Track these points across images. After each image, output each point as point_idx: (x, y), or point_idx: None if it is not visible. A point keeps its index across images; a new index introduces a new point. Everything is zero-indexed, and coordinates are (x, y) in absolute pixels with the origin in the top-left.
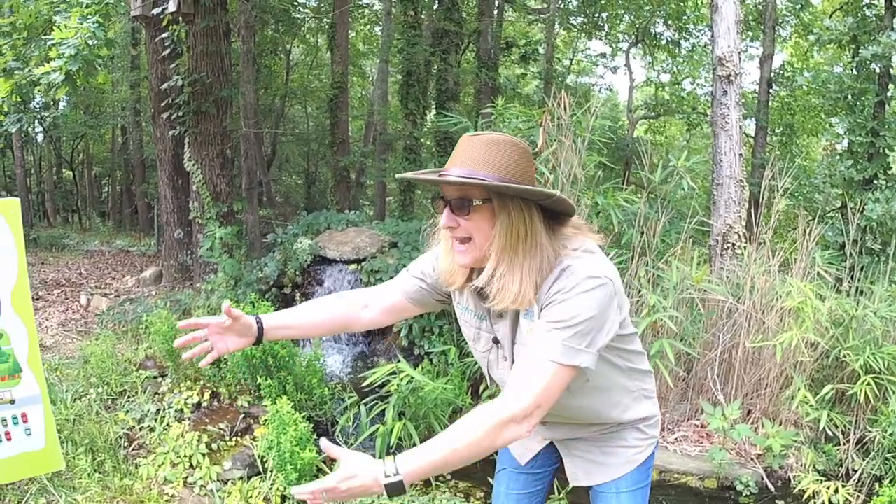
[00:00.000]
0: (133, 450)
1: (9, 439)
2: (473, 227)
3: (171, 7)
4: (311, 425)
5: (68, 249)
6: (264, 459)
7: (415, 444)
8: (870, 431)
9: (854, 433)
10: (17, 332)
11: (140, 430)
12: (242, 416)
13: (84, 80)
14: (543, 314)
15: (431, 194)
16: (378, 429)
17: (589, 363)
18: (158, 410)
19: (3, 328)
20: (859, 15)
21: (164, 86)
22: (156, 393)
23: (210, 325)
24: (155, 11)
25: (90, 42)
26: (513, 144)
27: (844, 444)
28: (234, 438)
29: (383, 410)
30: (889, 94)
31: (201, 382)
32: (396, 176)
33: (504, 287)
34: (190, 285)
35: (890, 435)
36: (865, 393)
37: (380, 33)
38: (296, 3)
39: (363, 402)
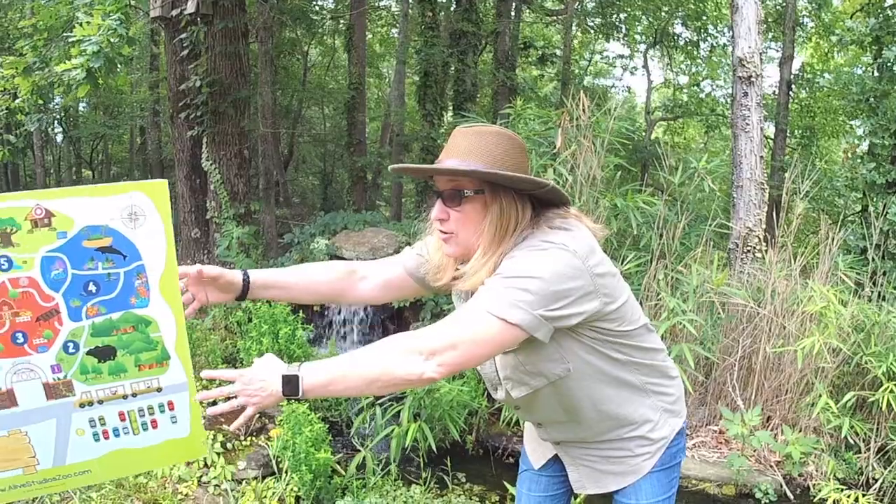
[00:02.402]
0: None
1: (155, 427)
2: (464, 220)
3: (190, 8)
4: (327, 426)
5: None
6: (279, 459)
7: (430, 447)
8: (892, 440)
9: (875, 441)
10: (166, 319)
11: None
12: (258, 415)
13: (105, 78)
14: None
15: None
16: (393, 430)
17: (525, 323)
18: None
19: (152, 315)
20: (882, 15)
21: (183, 86)
22: None
23: (189, 276)
24: (174, 13)
25: (112, 40)
26: (505, 135)
27: (865, 453)
28: (249, 438)
29: (399, 412)
30: None
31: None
32: (390, 168)
33: (475, 269)
34: None
35: None
36: (888, 400)
37: (397, 35)
38: (314, 4)
39: (378, 402)
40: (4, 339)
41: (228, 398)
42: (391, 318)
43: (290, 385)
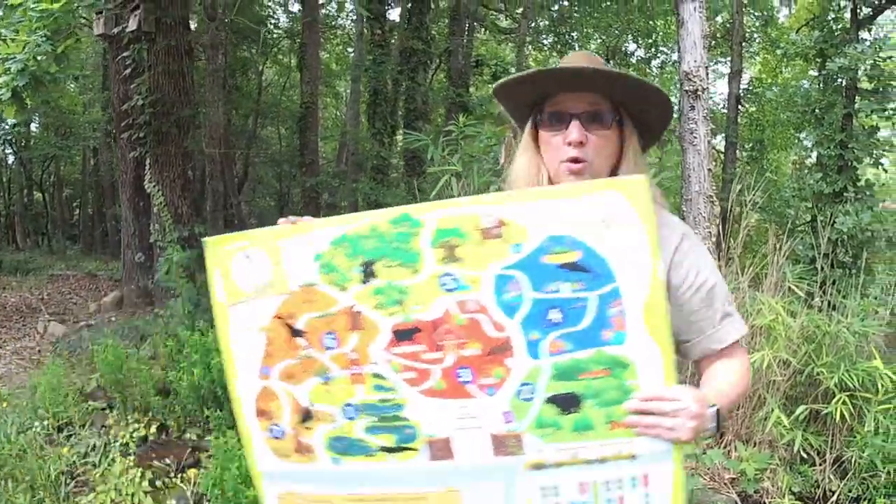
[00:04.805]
0: (76, 487)
1: None
2: (605, 145)
3: (132, 26)
4: None
5: (34, 273)
6: (208, 498)
7: None
8: (846, 451)
9: (830, 453)
10: (649, 361)
11: (84, 465)
12: (190, 450)
13: (33, 98)
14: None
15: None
16: None
17: None
18: (104, 444)
19: (630, 356)
20: (825, 29)
21: (125, 106)
22: (102, 425)
23: None
24: (115, 30)
25: (38, 57)
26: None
27: (821, 465)
28: (179, 475)
29: None
30: (856, 106)
31: (150, 414)
32: (496, 84)
33: None
34: (151, 310)
35: (867, 455)
36: (841, 412)
37: (352, 54)
38: (267, 23)
39: None
40: (447, 374)
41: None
42: None
43: (715, 420)
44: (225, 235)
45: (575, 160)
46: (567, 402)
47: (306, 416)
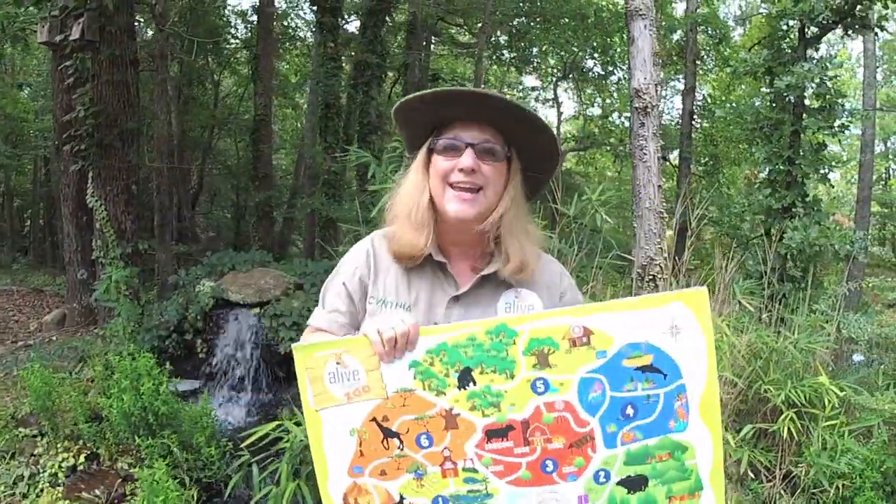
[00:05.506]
0: None
1: None
2: (496, 177)
3: (75, 34)
4: (199, 489)
5: None
6: None
7: None
8: (795, 468)
9: (780, 469)
10: (703, 445)
11: (11, 497)
12: (121, 480)
13: None
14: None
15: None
16: (271, 491)
17: None
18: (33, 475)
19: (689, 441)
20: (774, 47)
21: (67, 116)
22: (31, 454)
23: None
24: (58, 38)
25: None
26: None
27: (770, 481)
28: None
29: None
30: (804, 123)
31: (81, 442)
32: (398, 102)
33: (510, 251)
34: (94, 330)
35: (814, 473)
36: (789, 428)
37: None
38: (223, 32)
39: (255, 460)
40: (533, 466)
41: None
42: (279, 363)
43: None
44: (316, 342)
45: (469, 189)
46: (636, 484)
47: None
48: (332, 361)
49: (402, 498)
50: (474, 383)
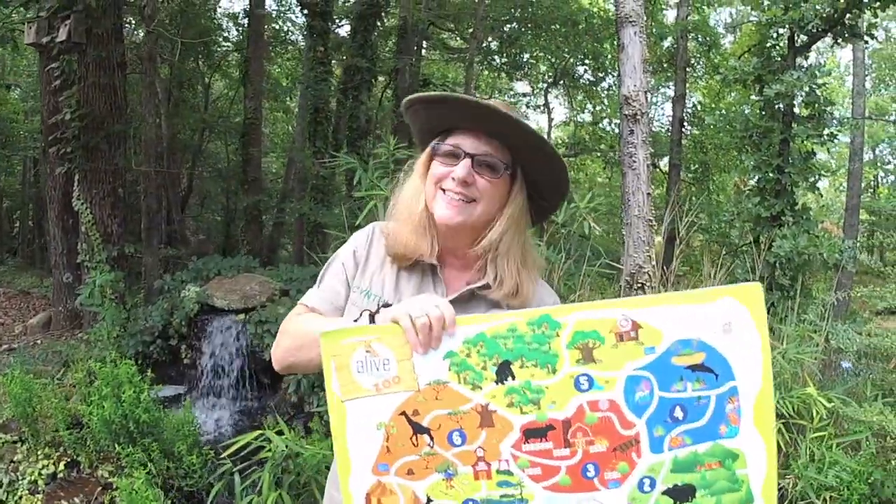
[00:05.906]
0: None
1: None
2: (492, 192)
3: (62, 35)
4: (180, 497)
5: None
6: None
7: None
8: (783, 480)
9: None
10: (756, 453)
11: None
12: (101, 488)
13: None
14: None
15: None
16: (252, 500)
17: None
18: (11, 482)
19: (740, 448)
20: (764, 55)
21: (54, 119)
22: (11, 461)
23: None
24: (45, 39)
25: None
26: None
27: None
28: None
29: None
30: (793, 131)
31: (61, 449)
32: (406, 99)
33: (504, 272)
34: (79, 334)
35: (801, 486)
36: (777, 440)
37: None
38: (214, 35)
39: (237, 469)
40: (574, 471)
41: None
42: (264, 370)
43: None
44: (344, 328)
45: (463, 196)
46: (682, 493)
47: None
48: (362, 349)
49: (429, 500)
50: (513, 378)
